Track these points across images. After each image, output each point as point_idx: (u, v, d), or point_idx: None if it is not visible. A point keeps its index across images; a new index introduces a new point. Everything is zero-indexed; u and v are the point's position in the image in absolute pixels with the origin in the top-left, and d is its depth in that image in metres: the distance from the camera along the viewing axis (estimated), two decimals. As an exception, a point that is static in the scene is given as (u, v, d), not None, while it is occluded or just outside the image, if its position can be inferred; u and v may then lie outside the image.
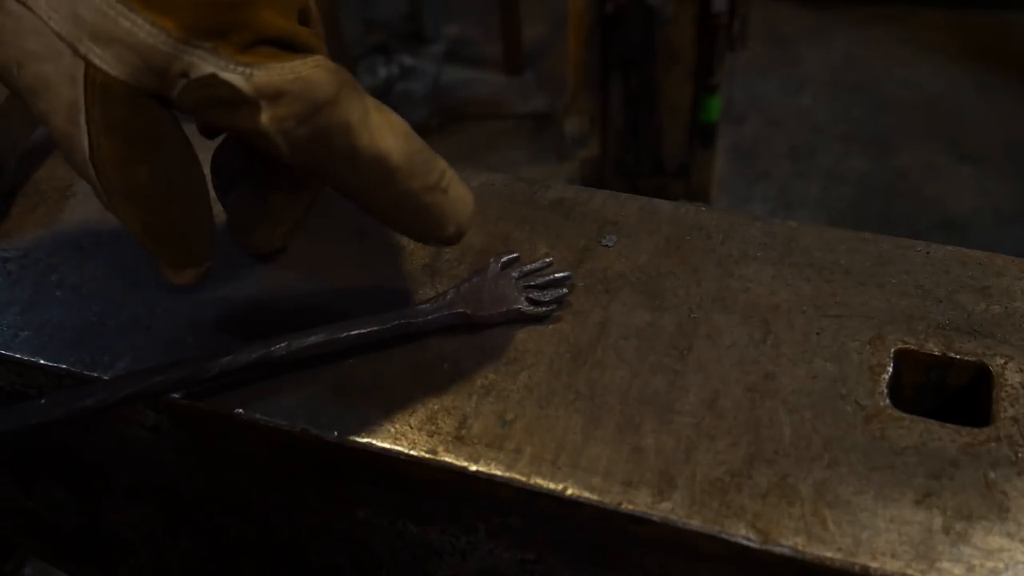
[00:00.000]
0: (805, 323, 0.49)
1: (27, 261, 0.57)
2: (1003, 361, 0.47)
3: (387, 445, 0.45)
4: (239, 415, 0.47)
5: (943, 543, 0.40)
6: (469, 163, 0.58)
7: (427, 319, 0.49)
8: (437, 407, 0.46)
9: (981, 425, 0.44)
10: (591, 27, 1.91)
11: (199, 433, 0.50)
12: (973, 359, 0.47)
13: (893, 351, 0.48)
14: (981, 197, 2.30)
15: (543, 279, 0.52)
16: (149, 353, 0.50)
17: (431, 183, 0.44)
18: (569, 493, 0.43)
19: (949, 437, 0.44)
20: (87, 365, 0.50)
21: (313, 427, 0.46)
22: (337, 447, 0.46)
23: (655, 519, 0.41)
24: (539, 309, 0.50)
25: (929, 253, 0.53)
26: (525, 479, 0.43)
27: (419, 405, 0.47)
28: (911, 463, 0.43)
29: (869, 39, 2.84)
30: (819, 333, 0.49)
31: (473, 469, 0.44)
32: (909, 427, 0.44)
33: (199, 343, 0.50)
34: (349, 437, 0.45)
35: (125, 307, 0.53)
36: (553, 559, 0.47)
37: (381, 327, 0.48)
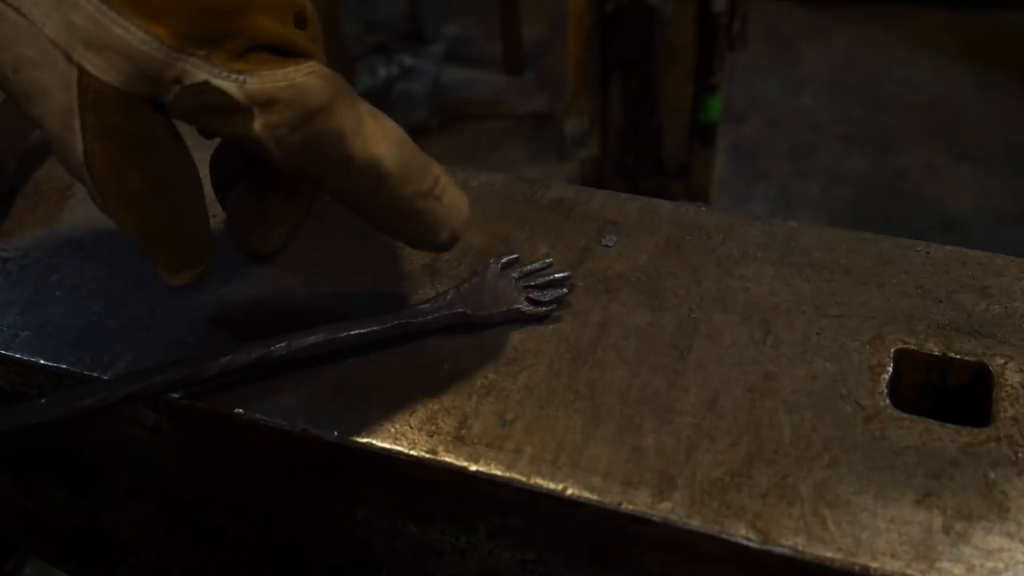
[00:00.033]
0: (805, 323, 0.49)
1: (27, 261, 0.57)
2: (1003, 361, 0.47)
3: (387, 445, 0.45)
4: (239, 415, 0.47)
5: (943, 543, 0.40)
6: (469, 163, 0.58)
7: (427, 319, 0.49)
8: (437, 407, 0.46)
9: (981, 425, 0.44)
10: (591, 27, 1.91)
11: (199, 433, 0.50)
12: (973, 359, 0.47)
13: (893, 351, 0.48)
14: (981, 197, 2.30)
15: (543, 279, 0.52)
16: (149, 353, 0.50)
17: (425, 189, 0.44)
18: (569, 493, 0.43)
19: (949, 437, 0.44)
20: (87, 365, 0.50)
21: (313, 427, 0.46)
22: (337, 447, 0.46)
23: (655, 519, 0.41)
24: (539, 309, 0.50)
25: (929, 253, 0.53)
26: (525, 479, 0.43)
27: (419, 405, 0.47)
28: (911, 463, 0.43)
29: (869, 39, 2.84)
30: (819, 333, 0.49)
31: (473, 469, 0.44)
32: (909, 427, 0.44)
33: (199, 343, 0.50)
34: (349, 437, 0.45)
35: (125, 307, 0.53)
36: (553, 559, 0.47)
37: (381, 327, 0.48)
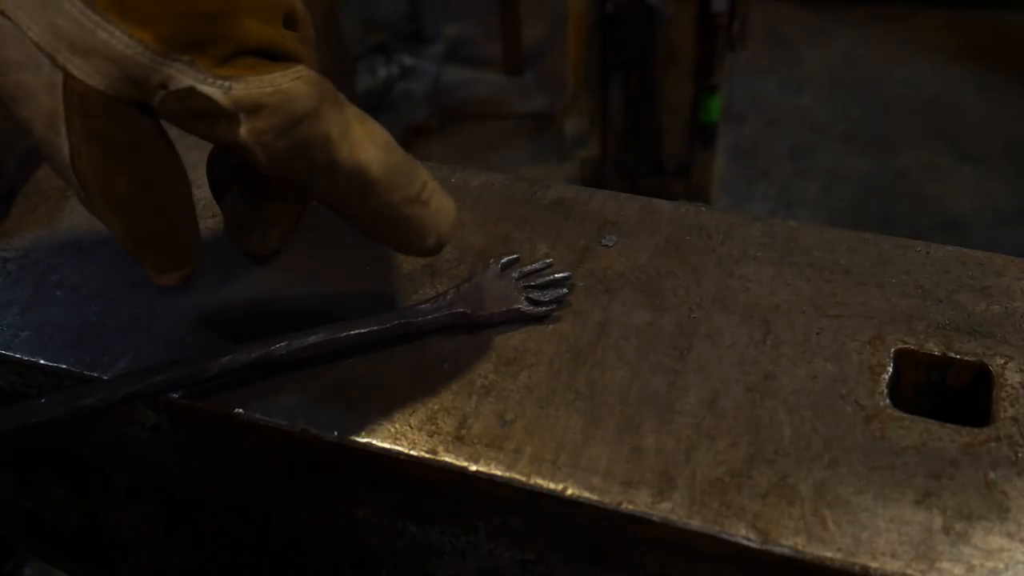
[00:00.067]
0: (805, 323, 0.49)
1: (27, 261, 0.57)
2: (1003, 361, 0.47)
3: (387, 445, 0.45)
4: (239, 415, 0.47)
5: (943, 543, 0.40)
6: (469, 163, 0.58)
7: (427, 319, 0.49)
8: (437, 407, 0.46)
9: (981, 425, 0.44)
10: (591, 27, 1.91)
11: (199, 433, 0.50)
12: (973, 359, 0.47)
13: (893, 351, 0.48)
14: (981, 197, 2.30)
15: (543, 279, 0.52)
16: (149, 353, 0.50)
17: (411, 195, 0.44)
18: (569, 493, 0.43)
19: (949, 437, 0.44)
20: (87, 365, 0.50)
21: (313, 427, 0.46)
22: (337, 447, 0.46)
23: (655, 519, 0.41)
24: (539, 309, 0.50)
25: (929, 253, 0.53)
26: (525, 479, 0.43)
27: (419, 405, 0.47)
28: (911, 463, 0.43)
29: (869, 39, 2.84)
30: (819, 333, 0.49)
31: (473, 469, 0.44)
32: (909, 427, 0.44)
33: (199, 343, 0.50)
34: (349, 437, 0.45)
35: (125, 307, 0.53)
36: (553, 559, 0.47)
37: (381, 327, 0.48)
